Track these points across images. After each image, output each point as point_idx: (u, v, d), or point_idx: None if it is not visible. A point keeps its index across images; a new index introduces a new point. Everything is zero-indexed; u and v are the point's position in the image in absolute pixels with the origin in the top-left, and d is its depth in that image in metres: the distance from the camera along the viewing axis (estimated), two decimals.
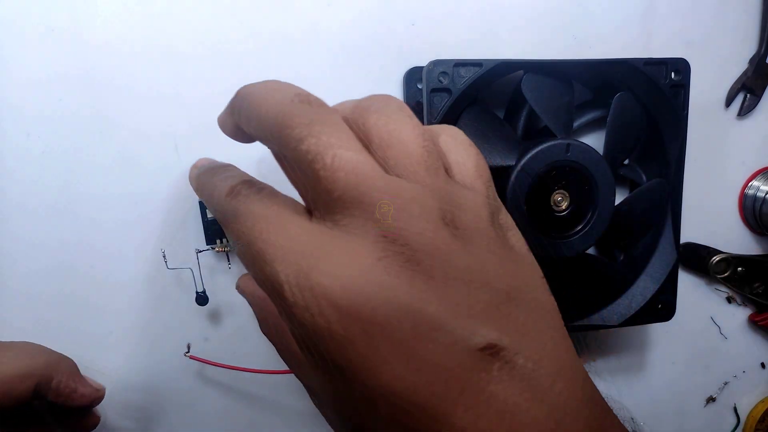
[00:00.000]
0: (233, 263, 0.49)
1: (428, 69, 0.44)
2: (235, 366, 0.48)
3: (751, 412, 0.66)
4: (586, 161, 0.46)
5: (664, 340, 0.61)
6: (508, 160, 0.46)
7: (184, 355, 0.47)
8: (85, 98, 0.45)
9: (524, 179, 0.45)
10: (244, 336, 0.51)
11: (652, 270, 0.51)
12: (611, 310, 0.51)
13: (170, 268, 0.47)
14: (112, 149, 0.46)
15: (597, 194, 0.47)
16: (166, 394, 0.50)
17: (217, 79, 0.47)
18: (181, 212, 0.47)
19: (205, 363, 0.47)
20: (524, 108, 0.50)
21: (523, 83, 0.47)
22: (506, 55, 0.51)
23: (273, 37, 0.48)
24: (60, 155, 0.45)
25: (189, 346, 0.48)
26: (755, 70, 0.58)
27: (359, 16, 0.49)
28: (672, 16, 0.56)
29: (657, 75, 0.48)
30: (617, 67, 0.43)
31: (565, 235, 0.47)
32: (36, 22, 0.43)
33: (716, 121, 0.59)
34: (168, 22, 0.46)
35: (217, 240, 0.47)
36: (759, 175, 0.61)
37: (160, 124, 0.46)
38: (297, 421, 0.53)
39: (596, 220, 0.47)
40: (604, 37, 0.54)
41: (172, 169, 0.47)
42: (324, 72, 0.49)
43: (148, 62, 0.46)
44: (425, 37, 0.50)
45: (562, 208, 0.47)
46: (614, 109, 0.47)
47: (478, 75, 0.44)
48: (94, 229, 0.46)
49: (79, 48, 0.44)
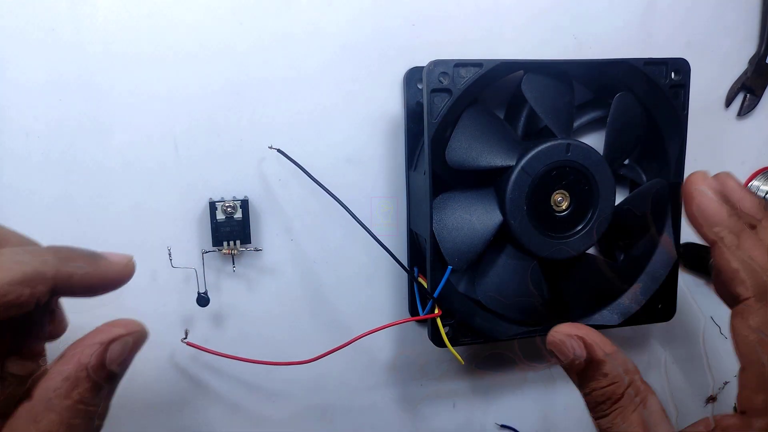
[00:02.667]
0: (238, 266, 0.49)
1: (428, 69, 0.44)
2: (230, 355, 0.48)
3: None
4: (587, 161, 0.46)
5: (664, 340, 0.61)
6: (508, 160, 0.46)
7: (181, 341, 0.47)
8: (84, 99, 0.45)
9: (525, 179, 0.45)
10: (244, 337, 0.51)
11: (652, 270, 0.51)
12: (611, 310, 0.51)
13: (174, 266, 0.47)
14: (112, 149, 0.46)
15: (597, 194, 0.47)
16: (165, 391, 0.50)
17: (218, 79, 0.47)
18: (185, 212, 0.47)
19: (202, 350, 0.47)
20: (524, 108, 0.50)
21: (523, 83, 0.47)
22: (506, 54, 0.51)
23: (273, 36, 0.48)
24: (60, 156, 0.45)
25: (187, 332, 0.48)
26: (755, 70, 0.58)
27: (359, 15, 0.49)
28: (672, 16, 0.56)
29: (657, 75, 0.48)
30: (617, 67, 0.43)
31: (566, 235, 0.47)
32: (36, 25, 0.43)
33: (716, 121, 0.59)
34: (168, 23, 0.46)
35: (224, 242, 0.47)
36: (759, 175, 0.61)
37: (159, 124, 0.47)
38: (297, 416, 0.54)
39: (596, 220, 0.47)
40: (604, 36, 0.54)
41: (173, 168, 0.47)
42: (324, 72, 0.49)
43: (147, 63, 0.46)
44: (425, 37, 0.51)
45: (563, 208, 0.47)
46: (614, 109, 0.47)
47: (478, 75, 0.44)
48: (94, 228, 0.47)
49: (78, 50, 0.44)
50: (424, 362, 0.56)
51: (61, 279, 0.33)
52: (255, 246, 0.49)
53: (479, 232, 0.47)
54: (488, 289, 0.48)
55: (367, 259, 0.52)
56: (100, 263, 0.35)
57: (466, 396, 0.58)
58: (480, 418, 0.58)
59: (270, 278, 0.51)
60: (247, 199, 0.48)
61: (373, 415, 0.55)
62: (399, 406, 0.56)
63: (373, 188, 0.52)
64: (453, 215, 0.47)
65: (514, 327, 0.50)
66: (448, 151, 0.46)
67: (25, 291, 0.31)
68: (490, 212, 0.47)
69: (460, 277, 0.52)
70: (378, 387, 0.55)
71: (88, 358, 0.34)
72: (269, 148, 0.47)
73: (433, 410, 0.57)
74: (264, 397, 0.53)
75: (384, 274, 0.53)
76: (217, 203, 0.47)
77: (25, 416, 0.32)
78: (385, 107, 0.51)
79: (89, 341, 0.34)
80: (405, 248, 0.53)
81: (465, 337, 0.48)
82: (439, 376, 0.56)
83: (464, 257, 0.46)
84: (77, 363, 0.33)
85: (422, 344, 0.55)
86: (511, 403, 0.59)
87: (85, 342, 0.35)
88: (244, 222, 0.48)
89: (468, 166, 0.46)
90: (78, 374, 0.33)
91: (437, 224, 0.46)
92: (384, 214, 0.52)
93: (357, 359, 0.54)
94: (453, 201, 0.47)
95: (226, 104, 0.48)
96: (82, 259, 0.35)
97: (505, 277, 0.48)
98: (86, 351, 0.34)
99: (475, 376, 0.58)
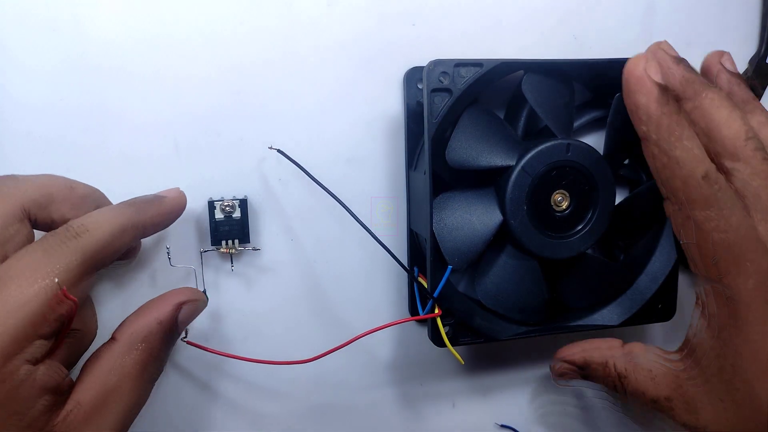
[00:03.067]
0: (236, 265, 0.49)
1: (429, 69, 0.44)
2: (231, 354, 0.48)
3: None
4: (587, 161, 0.46)
5: (665, 340, 0.61)
6: (508, 160, 0.46)
7: (181, 339, 0.47)
8: (85, 97, 0.45)
9: (525, 179, 0.45)
10: (243, 336, 0.51)
11: (652, 270, 0.51)
12: (611, 310, 0.52)
13: (173, 265, 0.47)
14: (113, 146, 0.46)
15: (597, 194, 0.47)
16: (164, 389, 0.50)
17: (218, 78, 0.47)
18: (185, 211, 0.47)
19: (202, 349, 0.47)
20: (525, 108, 0.50)
21: (523, 83, 0.47)
22: (506, 53, 0.51)
23: (273, 36, 0.48)
24: (61, 152, 0.45)
25: (186, 332, 0.48)
26: (755, 70, 0.58)
27: (359, 15, 0.49)
28: (672, 16, 0.56)
29: None
30: (617, 67, 0.43)
31: (566, 235, 0.47)
32: (37, 18, 0.44)
33: None
34: (169, 21, 0.46)
35: (222, 241, 0.47)
36: None
37: (160, 122, 0.47)
38: (298, 415, 0.54)
39: (596, 220, 0.47)
40: (604, 36, 0.54)
41: (173, 167, 0.47)
42: (324, 71, 0.49)
43: (148, 61, 0.46)
44: (425, 36, 0.51)
45: (563, 207, 0.47)
46: (614, 109, 0.47)
47: (478, 75, 0.44)
48: None
49: (80, 45, 0.44)
50: (424, 362, 0.56)
51: (142, 225, 0.40)
52: (254, 245, 0.49)
53: (479, 232, 0.47)
54: (488, 288, 0.48)
55: (366, 258, 0.52)
56: (162, 203, 0.42)
57: (465, 395, 0.58)
58: (480, 418, 0.58)
59: (269, 277, 0.51)
60: (246, 198, 0.48)
61: (372, 414, 0.55)
62: (399, 406, 0.56)
63: (373, 188, 0.52)
64: (453, 215, 0.47)
65: (514, 327, 0.50)
66: (449, 151, 0.46)
67: (125, 238, 0.38)
68: (490, 212, 0.47)
69: (460, 276, 0.52)
70: (378, 386, 0.55)
71: (164, 314, 0.40)
72: (269, 149, 0.48)
73: (432, 409, 0.57)
74: (264, 396, 0.53)
75: (384, 274, 0.53)
76: (215, 202, 0.47)
77: (108, 355, 0.38)
78: (385, 106, 0.51)
79: (165, 300, 0.41)
80: (405, 248, 0.53)
81: (465, 336, 0.48)
82: (438, 376, 0.56)
83: (464, 257, 0.46)
84: (155, 317, 0.40)
85: (422, 344, 0.55)
86: (512, 403, 0.59)
87: (161, 301, 0.41)
88: (243, 221, 0.48)
89: (468, 166, 0.46)
90: (154, 327, 0.39)
91: (437, 224, 0.46)
92: (384, 213, 0.52)
93: (356, 358, 0.54)
94: (453, 201, 0.47)
95: (226, 103, 0.48)
96: (149, 204, 0.41)
97: (505, 276, 0.48)
98: (162, 308, 0.41)
99: (475, 376, 0.58)
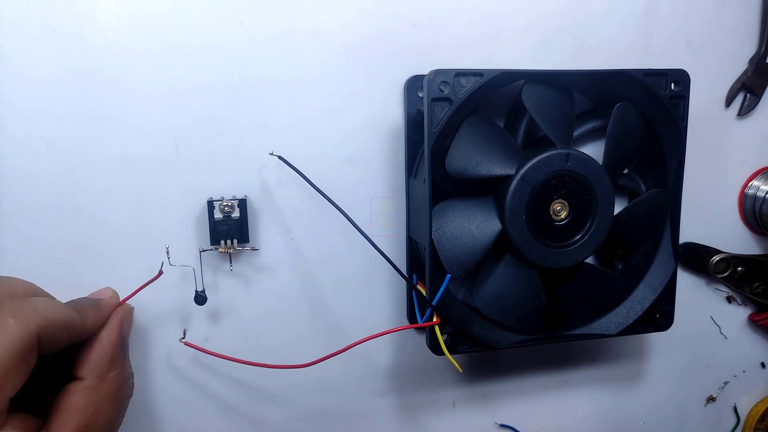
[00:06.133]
0: (235, 265, 0.50)
1: (429, 78, 0.44)
2: (229, 356, 0.48)
3: (750, 411, 0.67)
4: (586, 171, 0.46)
5: (665, 341, 0.62)
6: (508, 169, 0.46)
7: (179, 340, 0.47)
8: (86, 97, 0.45)
9: (524, 188, 0.45)
10: (242, 336, 0.52)
11: (650, 279, 0.51)
12: (609, 320, 0.52)
13: (172, 264, 0.47)
14: (113, 147, 0.46)
15: (596, 204, 0.47)
16: (163, 388, 0.51)
17: (218, 79, 0.47)
18: (184, 211, 0.48)
19: (200, 351, 0.48)
20: (524, 117, 0.50)
21: (523, 93, 0.47)
22: (507, 55, 0.51)
23: (274, 37, 0.48)
24: (62, 154, 0.45)
25: (185, 332, 0.49)
26: (755, 70, 0.58)
27: (359, 16, 0.49)
28: (672, 17, 0.56)
29: (657, 86, 0.47)
30: (617, 78, 0.43)
31: (564, 245, 0.47)
32: (37, 23, 0.44)
33: (716, 120, 0.59)
34: (169, 23, 0.46)
35: (221, 241, 0.48)
36: (759, 175, 0.61)
37: (160, 123, 0.47)
38: (295, 419, 0.54)
39: (595, 230, 0.47)
40: (604, 37, 0.54)
41: (173, 167, 0.48)
42: (324, 71, 0.49)
43: (148, 62, 0.46)
44: (426, 38, 0.51)
45: (562, 217, 0.47)
46: (614, 120, 0.47)
47: (478, 84, 0.44)
48: (95, 226, 0.47)
49: (80, 48, 0.45)
50: (422, 369, 0.56)
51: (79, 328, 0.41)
52: (252, 245, 0.49)
53: (478, 241, 0.47)
54: (487, 297, 0.49)
55: (366, 261, 0.53)
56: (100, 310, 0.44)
57: (463, 403, 0.58)
58: (478, 426, 0.59)
59: (268, 278, 0.51)
60: (246, 198, 0.48)
61: (371, 420, 0.56)
62: (397, 413, 0.57)
63: (373, 188, 0.52)
64: (452, 223, 0.47)
65: (513, 335, 0.50)
66: (448, 160, 0.46)
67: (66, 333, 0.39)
68: (490, 221, 0.47)
69: (459, 285, 0.53)
70: (375, 393, 0.56)
71: (115, 337, 0.43)
72: (270, 155, 0.48)
73: (430, 417, 0.58)
74: (262, 399, 0.53)
75: (383, 277, 0.54)
76: (215, 202, 0.47)
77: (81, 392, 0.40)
78: (385, 109, 0.51)
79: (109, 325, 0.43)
80: (404, 255, 0.53)
81: (463, 345, 0.48)
82: (436, 383, 0.57)
83: (463, 265, 0.47)
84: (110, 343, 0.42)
85: (420, 351, 0.55)
86: (509, 411, 0.60)
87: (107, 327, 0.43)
88: (242, 221, 0.48)
89: (468, 175, 0.46)
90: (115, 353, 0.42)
91: (436, 232, 0.46)
92: (384, 214, 0.53)
93: (354, 364, 0.54)
94: (452, 209, 0.47)
95: (226, 104, 0.48)
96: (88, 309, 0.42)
97: (504, 285, 0.48)
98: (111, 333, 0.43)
99: (473, 384, 0.58)
